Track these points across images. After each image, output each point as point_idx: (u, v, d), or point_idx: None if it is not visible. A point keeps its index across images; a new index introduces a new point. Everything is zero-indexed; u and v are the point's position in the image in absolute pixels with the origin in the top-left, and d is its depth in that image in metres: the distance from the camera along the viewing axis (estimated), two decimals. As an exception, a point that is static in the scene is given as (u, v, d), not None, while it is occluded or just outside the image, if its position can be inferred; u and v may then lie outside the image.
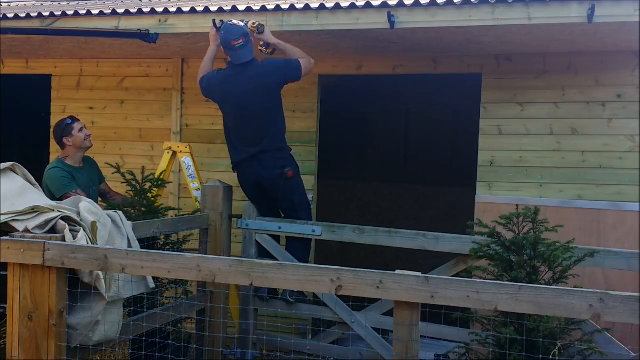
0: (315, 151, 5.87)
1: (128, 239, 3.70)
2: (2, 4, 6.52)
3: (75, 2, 6.33)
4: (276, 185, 4.65)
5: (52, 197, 4.32)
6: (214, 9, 4.78)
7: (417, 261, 7.02)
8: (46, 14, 5.13)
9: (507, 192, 5.24)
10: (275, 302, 4.74)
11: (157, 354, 3.92)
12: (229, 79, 4.65)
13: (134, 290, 3.65)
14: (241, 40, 4.54)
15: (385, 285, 2.85)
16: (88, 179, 4.87)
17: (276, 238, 4.77)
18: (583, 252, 3.59)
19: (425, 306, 2.95)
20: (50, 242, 3.21)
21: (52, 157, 6.61)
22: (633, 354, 3.60)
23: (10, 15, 5.19)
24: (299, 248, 4.71)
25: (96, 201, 4.73)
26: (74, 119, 4.89)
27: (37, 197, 3.55)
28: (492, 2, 4.19)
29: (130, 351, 4.26)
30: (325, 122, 6.12)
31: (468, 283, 2.76)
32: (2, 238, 3.25)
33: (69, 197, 4.14)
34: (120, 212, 3.79)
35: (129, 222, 3.80)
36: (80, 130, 4.82)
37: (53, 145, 6.61)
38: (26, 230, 3.29)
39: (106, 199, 5.03)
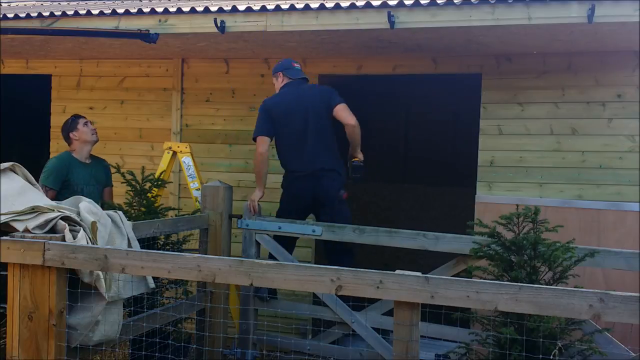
0: (315, 151, 5.86)
1: (128, 239, 3.70)
2: (2, 4, 6.52)
3: (75, 2, 6.33)
4: (330, 205, 4.77)
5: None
6: (214, 9, 4.78)
7: (417, 261, 7.00)
8: (46, 14, 5.12)
9: (507, 192, 5.24)
10: (276, 302, 4.74)
11: (157, 354, 3.92)
12: (291, 98, 4.81)
13: (134, 290, 3.65)
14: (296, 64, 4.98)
15: (385, 285, 2.85)
16: (90, 176, 5.00)
17: (280, 239, 4.75)
18: (583, 252, 3.59)
19: (425, 306, 2.94)
20: (50, 242, 3.21)
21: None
22: (633, 354, 3.60)
23: (10, 15, 5.18)
24: (344, 258, 4.70)
25: (96, 199, 4.75)
26: (78, 116, 5.16)
27: (37, 197, 3.55)
28: (492, 2, 4.19)
29: (130, 351, 4.26)
30: (325, 122, 6.11)
31: (468, 283, 2.76)
32: (2, 238, 3.25)
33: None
34: (120, 212, 3.79)
35: (129, 222, 3.80)
36: (85, 124, 5.07)
37: (53, 145, 6.62)
38: (26, 230, 3.29)
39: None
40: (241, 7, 4.72)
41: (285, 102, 4.83)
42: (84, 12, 5.06)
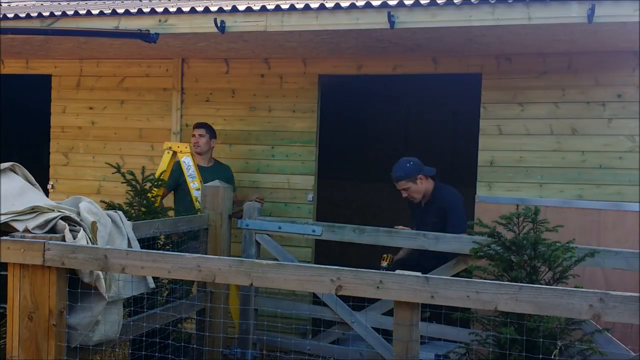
0: (315, 151, 5.87)
1: (128, 239, 3.70)
2: (2, 4, 6.52)
3: (75, 2, 6.33)
4: None
5: None
6: (214, 9, 4.78)
7: (417, 261, 7.01)
8: (46, 14, 5.12)
9: (507, 192, 5.24)
10: (275, 302, 4.74)
11: (157, 354, 3.92)
12: None
13: (134, 290, 3.65)
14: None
15: (385, 285, 2.85)
16: (204, 178, 5.37)
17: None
18: (583, 252, 3.59)
19: (425, 306, 2.95)
20: (50, 242, 3.21)
21: (52, 157, 6.63)
22: (633, 353, 3.60)
23: (10, 15, 5.18)
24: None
25: None
26: (197, 125, 5.69)
27: (37, 197, 3.55)
28: (492, 2, 4.19)
29: (130, 351, 4.26)
30: (325, 122, 6.12)
31: (468, 283, 2.76)
32: (2, 238, 3.25)
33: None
34: (120, 212, 3.79)
35: (129, 222, 3.80)
36: (193, 136, 5.63)
37: (53, 145, 6.63)
38: (26, 230, 3.29)
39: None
40: (241, 7, 4.72)
41: None
42: (84, 12, 5.06)
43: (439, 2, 4.30)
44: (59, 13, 5.10)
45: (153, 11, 4.88)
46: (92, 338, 3.39)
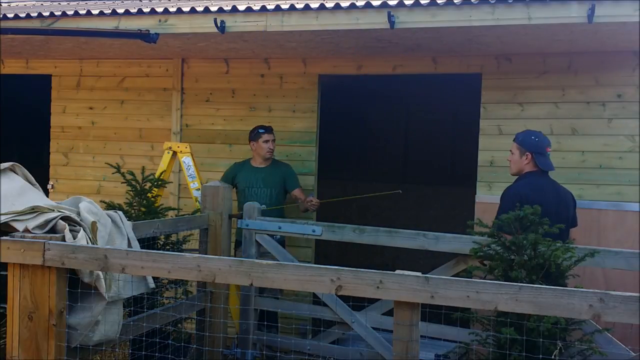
0: (315, 151, 5.87)
1: (128, 239, 3.70)
2: (2, 4, 6.52)
3: (75, 2, 6.33)
4: None
5: None
6: (214, 9, 4.78)
7: (417, 261, 7.02)
8: (46, 14, 5.12)
9: (507, 192, 5.23)
10: (275, 302, 4.73)
11: (157, 354, 3.92)
12: (551, 201, 4.10)
13: (134, 290, 3.65)
14: (549, 150, 4.29)
15: (385, 285, 2.85)
16: (256, 179, 5.44)
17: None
18: (583, 252, 3.59)
19: (425, 306, 2.94)
20: (50, 242, 3.21)
21: (52, 157, 6.63)
22: (633, 353, 3.60)
23: (10, 15, 5.18)
24: None
25: (260, 200, 5.13)
26: (266, 130, 5.46)
27: (37, 197, 3.55)
28: (492, 2, 4.19)
29: (130, 351, 4.26)
30: (325, 122, 6.12)
31: (468, 283, 2.76)
32: (2, 238, 3.25)
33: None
34: (120, 212, 3.79)
35: (129, 222, 3.80)
36: (266, 142, 5.42)
37: (53, 145, 6.63)
38: (26, 230, 3.29)
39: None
40: (241, 7, 4.72)
41: (545, 202, 3.88)
42: (84, 12, 5.06)
43: (439, 2, 4.30)
44: (59, 13, 5.10)
45: (153, 11, 4.88)
46: (92, 338, 3.39)
